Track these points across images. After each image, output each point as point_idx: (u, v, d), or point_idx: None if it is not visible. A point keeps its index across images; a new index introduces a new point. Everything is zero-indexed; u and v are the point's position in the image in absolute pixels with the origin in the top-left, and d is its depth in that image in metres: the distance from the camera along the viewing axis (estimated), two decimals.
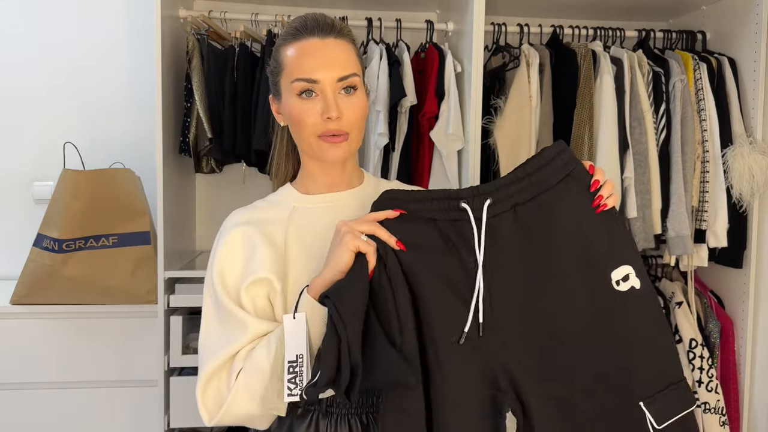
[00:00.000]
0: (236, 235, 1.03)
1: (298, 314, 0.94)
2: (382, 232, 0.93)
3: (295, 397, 0.92)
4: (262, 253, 1.01)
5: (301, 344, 0.93)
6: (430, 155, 1.94)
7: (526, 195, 0.94)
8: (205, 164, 2.03)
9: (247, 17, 1.98)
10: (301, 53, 1.01)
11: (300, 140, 1.05)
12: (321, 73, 0.99)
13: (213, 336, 1.01)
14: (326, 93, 1.00)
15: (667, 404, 0.94)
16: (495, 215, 0.94)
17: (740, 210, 1.97)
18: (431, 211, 0.95)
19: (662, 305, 2.06)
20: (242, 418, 0.99)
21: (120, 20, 2.25)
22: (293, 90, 1.01)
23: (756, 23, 1.96)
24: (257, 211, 1.08)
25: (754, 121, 1.97)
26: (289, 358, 0.92)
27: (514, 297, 0.93)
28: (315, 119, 1.00)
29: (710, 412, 1.97)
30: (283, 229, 1.05)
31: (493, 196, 0.94)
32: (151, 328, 1.88)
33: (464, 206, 0.93)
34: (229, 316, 1.00)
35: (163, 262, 1.82)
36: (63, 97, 2.24)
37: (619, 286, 0.94)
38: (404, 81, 1.90)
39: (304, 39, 1.01)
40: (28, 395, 1.88)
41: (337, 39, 1.02)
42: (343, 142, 1.01)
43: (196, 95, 1.90)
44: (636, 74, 1.92)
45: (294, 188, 1.11)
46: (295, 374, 0.92)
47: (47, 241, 1.89)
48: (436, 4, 2.24)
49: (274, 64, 1.06)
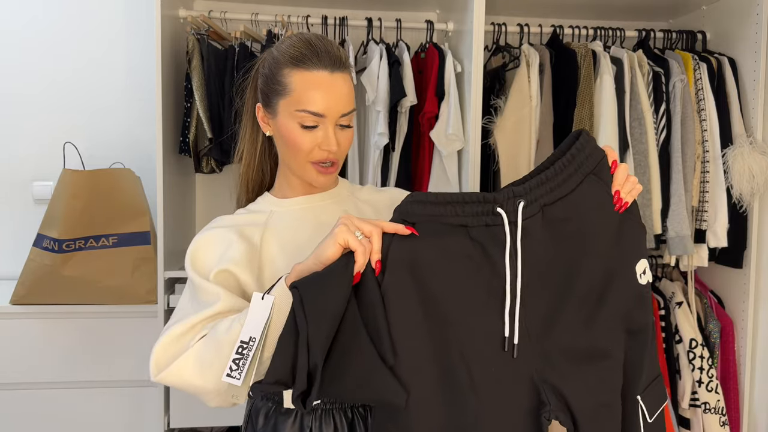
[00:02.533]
0: (213, 233, 1.06)
1: (267, 296, 0.90)
2: (376, 242, 0.86)
3: (233, 380, 0.87)
4: (235, 249, 1.03)
5: (258, 327, 0.87)
6: (430, 155, 1.94)
7: (555, 195, 0.90)
8: (205, 164, 2.02)
9: (247, 17, 1.98)
10: (309, 85, 1.02)
11: (290, 160, 1.08)
12: (328, 110, 1.02)
13: (184, 309, 1.01)
14: (328, 127, 1.03)
15: (654, 398, 0.95)
16: (526, 218, 0.89)
17: (740, 210, 1.97)
18: (463, 216, 0.88)
19: (662, 305, 2.06)
20: (186, 385, 0.95)
21: (120, 20, 2.25)
22: (296, 117, 1.03)
23: (756, 23, 1.96)
24: (237, 217, 1.11)
25: (754, 121, 1.97)
26: (242, 338, 0.88)
27: (547, 303, 0.89)
28: (312, 147, 1.04)
29: (710, 412, 1.97)
30: (260, 230, 1.07)
31: (525, 198, 0.89)
32: (151, 328, 1.88)
33: (500, 211, 0.88)
34: (200, 291, 1.00)
35: (162, 262, 1.83)
36: (63, 97, 2.24)
37: (641, 279, 0.94)
38: (404, 81, 1.90)
39: (315, 70, 1.02)
40: (28, 395, 1.88)
41: (343, 74, 1.04)
42: (333, 172, 1.07)
43: (196, 95, 1.90)
44: (636, 74, 1.92)
45: (271, 195, 1.14)
46: (242, 356, 0.87)
47: (47, 241, 1.89)
48: (436, 4, 2.23)
49: (273, 81, 1.05)
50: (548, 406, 0.86)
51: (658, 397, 0.96)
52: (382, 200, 1.18)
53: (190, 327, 0.96)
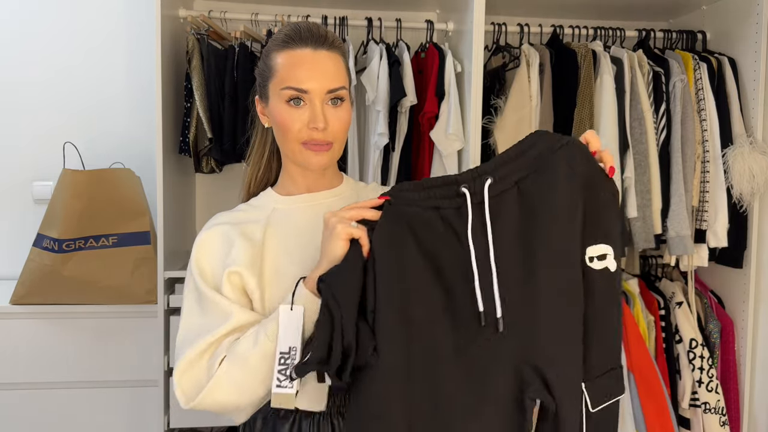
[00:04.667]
0: (214, 232, 1.06)
1: (296, 306, 0.94)
2: (368, 213, 0.93)
3: (284, 389, 0.91)
4: (238, 248, 1.03)
5: (296, 336, 0.92)
6: (430, 155, 1.94)
7: (528, 170, 0.92)
8: (205, 164, 2.02)
9: (247, 17, 1.98)
10: (292, 62, 1.03)
11: (283, 145, 1.08)
12: (311, 84, 1.02)
13: (194, 325, 1.01)
14: (314, 103, 1.03)
15: (604, 388, 0.94)
16: (497, 194, 0.92)
17: (740, 210, 1.97)
18: (433, 199, 0.92)
19: (662, 305, 2.06)
20: (220, 407, 0.99)
21: (120, 20, 2.25)
22: (282, 96, 1.03)
23: (756, 23, 1.96)
24: (238, 214, 1.11)
25: (754, 121, 1.97)
26: (282, 349, 0.92)
27: (520, 279, 0.91)
28: (300, 126, 1.03)
29: (710, 412, 1.97)
30: (262, 227, 1.07)
31: (493, 175, 0.92)
32: (151, 328, 1.88)
33: (463, 191, 0.92)
34: (211, 305, 1.01)
35: (162, 262, 1.82)
36: (63, 97, 2.24)
37: (592, 263, 0.93)
38: (404, 81, 1.90)
39: (297, 48, 1.04)
40: (28, 395, 1.88)
41: (329, 51, 1.05)
42: (326, 151, 1.05)
43: (196, 95, 1.90)
44: (636, 74, 1.92)
45: (274, 191, 1.14)
46: (287, 366, 0.92)
47: (47, 241, 1.89)
48: (436, 4, 2.23)
49: (263, 67, 1.08)
50: (531, 386, 0.89)
51: (607, 389, 0.94)
52: None
53: (205, 348, 0.98)
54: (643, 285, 2.10)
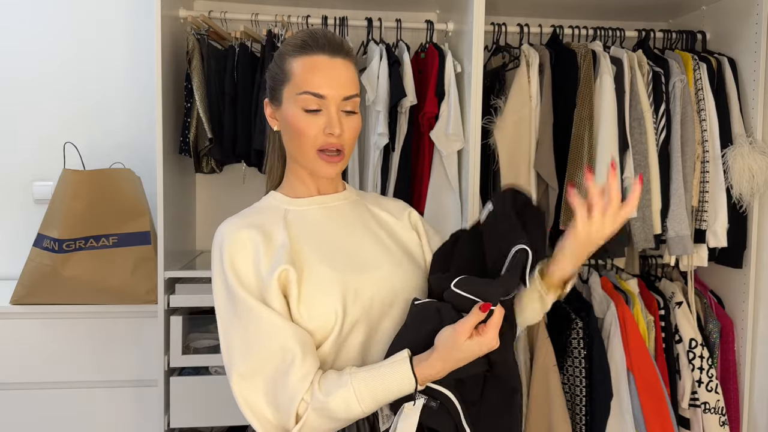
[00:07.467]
0: (242, 235, 1.02)
1: (418, 400, 0.95)
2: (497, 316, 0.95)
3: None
4: (272, 249, 1.02)
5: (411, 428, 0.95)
6: (430, 155, 1.94)
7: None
8: (205, 164, 2.03)
9: (247, 17, 1.99)
10: (310, 68, 1.04)
11: (296, 150, 1.07)
12: (328, 90, 1.04)
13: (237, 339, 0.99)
14: (330, 110, 1.04)
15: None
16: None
17: (740, 210, 1.97)
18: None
19: (662, 305, 2.06)
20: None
21: (120, 20, 2.25)
22: (298, 102, 1.04)
23: (756, 23, 1.96)
24: (249, 217, 1.07)
25: (754, 121, 1.97)
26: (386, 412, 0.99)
27: None
28: (317, 132, 1.04)
29: (710, 412, 1.97)
30: (281, 228, 1.06)
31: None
32: (151, 328, 1.88)
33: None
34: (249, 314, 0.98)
35: (163, 262, 1.83)
36: (63, 97, 2.24)
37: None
38: (404, 81, 1.90)
39: (314, 54, 1.05)
40: (28, 395, 1.88)
41: (344, 59, 1.06)
42: (338, 162, 1.07)
43: (196, 95, 1.90)
44: (636, 74, 1.92)
45: (281, 194, 1.13)
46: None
47: (47, 241, 1.89)
48: (436, 4, 2.24)
49: (277, 71, 1.08)
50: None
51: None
52: (393, 206, 1.23)
53: (257, 367, 0.98)
54: (642, 285, 2.10)
